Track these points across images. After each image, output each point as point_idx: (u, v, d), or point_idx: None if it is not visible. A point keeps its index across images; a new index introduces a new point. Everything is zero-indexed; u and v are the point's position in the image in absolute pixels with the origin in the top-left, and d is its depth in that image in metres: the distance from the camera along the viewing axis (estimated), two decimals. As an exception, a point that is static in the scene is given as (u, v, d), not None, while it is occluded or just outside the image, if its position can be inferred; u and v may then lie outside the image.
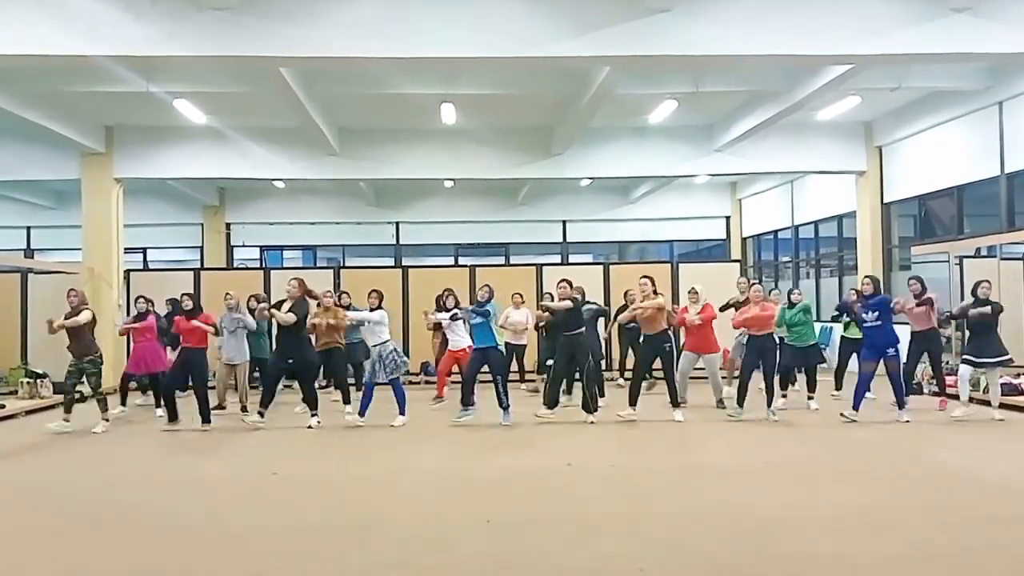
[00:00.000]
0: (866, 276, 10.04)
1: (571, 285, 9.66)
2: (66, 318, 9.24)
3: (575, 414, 9.70)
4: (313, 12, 8.62)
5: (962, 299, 12.07)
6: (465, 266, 16.06)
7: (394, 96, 12.32)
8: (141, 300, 10.76)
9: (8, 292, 14.54)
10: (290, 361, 9.43)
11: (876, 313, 9.29)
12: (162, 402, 10.52)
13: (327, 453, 8.17)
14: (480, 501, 6.01)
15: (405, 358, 9.69)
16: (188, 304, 9.67)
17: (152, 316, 10.56)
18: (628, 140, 15.26)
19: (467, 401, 9.36)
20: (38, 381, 12.15)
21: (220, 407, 10.56)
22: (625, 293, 12.58)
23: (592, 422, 9.28)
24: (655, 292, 9.51)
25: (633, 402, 9.54)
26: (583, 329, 9.55)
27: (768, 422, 9.30)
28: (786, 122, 13.70)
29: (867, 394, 9.45)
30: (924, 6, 8.87)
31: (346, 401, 10.05)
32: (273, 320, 9.60)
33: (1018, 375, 10.68)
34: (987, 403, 9.51)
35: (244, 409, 10.54)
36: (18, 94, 11.72)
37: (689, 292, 10.71)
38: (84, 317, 9.26)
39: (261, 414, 9.38)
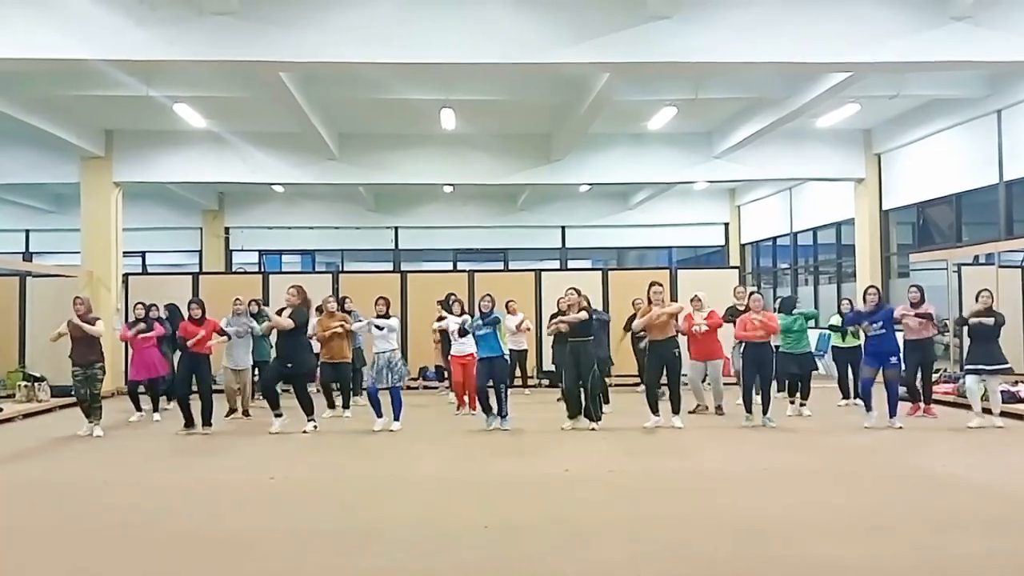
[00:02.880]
0: (871, 287, 9.99)
1: (579, 292, 9.62)
2: (70, 325, 9.23)
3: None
4: (313, 17, 8.64)
5: (960, 307, 12.11)
6: (464, 271, 16.07)
7: (394, 101, 12.34)
8: (140, 306, 10.74)
9: (7, 295, 14.53)
10: (289, 366, 9.38)
11: (881, 323, 9.38)
12: (159, 406, 10.65)
13: (327, 457, 8.16)
14: (479, 505, 6.02)
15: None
16: (197, 312, 9.66)
17: (158, 325, 10.55)
18: (627, 146, 15.30)
19: (489, 409, 9.43)
20: (36, 384, 12.14)
21: (233, 411, 10.57)
22: (633, 302, 12.53)
23: (594, 429, 9.29)
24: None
25: (655, 410, 9.42)
26: (591, 337, 9.45)
27: (766, 428, 9.35)
28: (785, 129, 13.74)
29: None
30: (923, 14, 8.90)
31: (345, 406, 10.58)
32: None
33: (1016, 383, 10.69)
34: (987, 411, 9.53)
35: (246, 413, 10.57)
36: (18, 98, 11.74)
37: (692, 299, 10.63)
38: (102, 327, 9.41)
39: (279, 415, 9.37)
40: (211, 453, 8.45)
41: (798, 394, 10.43)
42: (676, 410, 9.52)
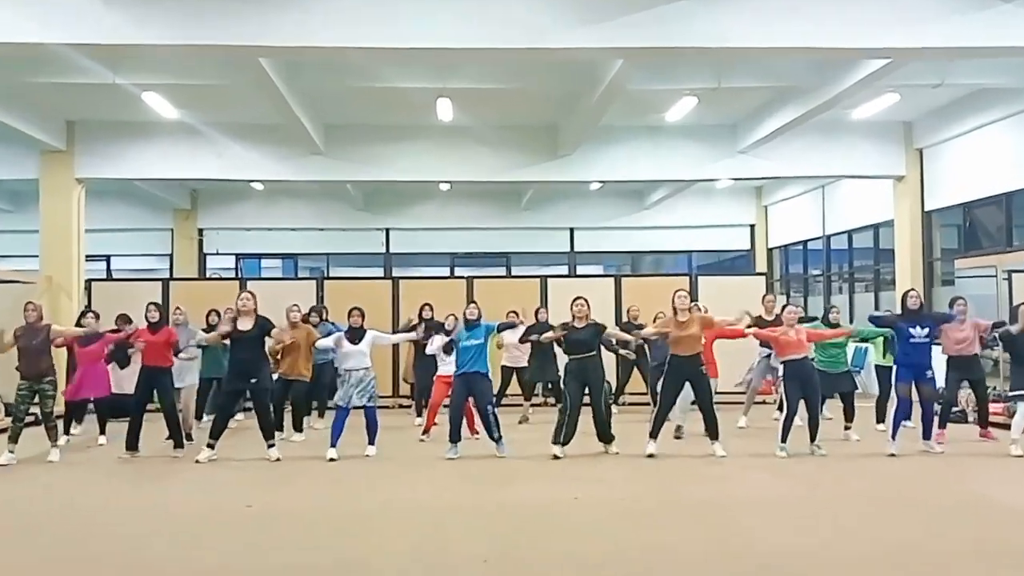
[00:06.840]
0: (911, 290, 9.82)
1: (588, 304, 9.49)
2: (18, 333, 9.14)
3: (585, 445, 9.65)
4: (297, -3, 8.68)
5: (1011, 319, 12.05)
6: (462, 277, 16.08)
7: (385, 90, 12.36)
8: (91, 315, 10.67)
9: (-43, 303, 14.55)
10: (253, 381, 9.07)
11: (927, 329, 9.08)
12: (106, 428, 10.40)
13: (307, 484, 8.14)
14: (477, 537, 6.01)
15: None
16: (154, 316, 9.60)
17: (105, 338, 10.27)
18: (642, 140, 15.31)
19: (457, 437, 9.20)
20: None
21: None
22: (628, 309, 12.50)
23: (617, 452, 9.18)
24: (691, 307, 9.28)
25: (656, 434, 9.23)
26: (595, 352, 9.36)
27: (810, 456, 9.04)
28: (817, 121, 13.74)
29: (906, 422, 9.37)
30: (969, -5, 8.92)
31: (297, 428, 10.46)
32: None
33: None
34: None
35: (189, 436, 10.11)
36: (-29, 85, 11.80)
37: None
38: (75, 330, 9.44)
39: (211, 446, 9.04)
40: (180, 479, 8.44)
41: (842, 416, 10.34)
42: (716, 435, 9.17)
